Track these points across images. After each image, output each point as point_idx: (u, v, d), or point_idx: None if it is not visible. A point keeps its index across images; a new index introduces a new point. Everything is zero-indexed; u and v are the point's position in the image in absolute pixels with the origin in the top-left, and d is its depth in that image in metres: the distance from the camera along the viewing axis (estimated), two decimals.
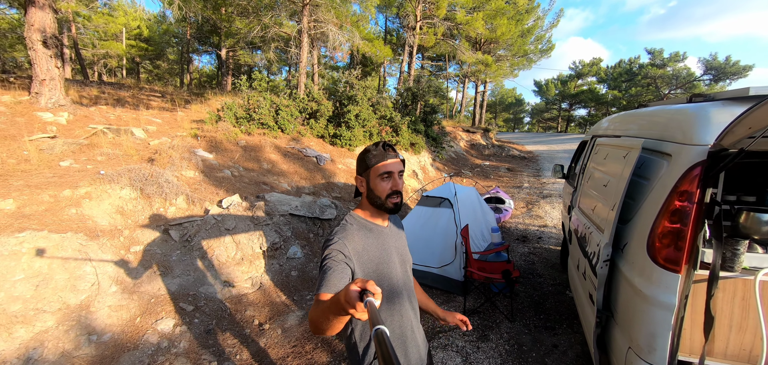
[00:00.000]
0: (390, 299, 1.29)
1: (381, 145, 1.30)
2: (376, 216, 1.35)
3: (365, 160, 1.30)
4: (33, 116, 6.79)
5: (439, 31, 15.06)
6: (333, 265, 1.13)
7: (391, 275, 1.30)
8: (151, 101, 10.89)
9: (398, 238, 1.42)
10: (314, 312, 0.99)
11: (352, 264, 1.18)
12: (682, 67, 30.38)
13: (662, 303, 1.59)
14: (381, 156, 1.28)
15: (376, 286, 0.76)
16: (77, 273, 3.20)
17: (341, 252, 1.17)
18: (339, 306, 0.83)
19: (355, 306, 0.74)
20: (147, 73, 34.45)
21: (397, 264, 1.34)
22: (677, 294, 1.57)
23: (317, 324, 0.97)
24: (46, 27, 7.29)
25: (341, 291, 0.82)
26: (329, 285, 1.07)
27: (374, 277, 1.24)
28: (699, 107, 1.74)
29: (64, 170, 4.71)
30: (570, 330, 3.32)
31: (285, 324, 3.58)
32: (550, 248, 5.49)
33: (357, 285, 0.77)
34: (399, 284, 1.33)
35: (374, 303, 0.71)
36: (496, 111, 53.42)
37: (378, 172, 1.27)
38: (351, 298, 0.75)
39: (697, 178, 1.56)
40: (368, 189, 1.30)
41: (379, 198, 1.28)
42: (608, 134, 3.00)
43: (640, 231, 1.82)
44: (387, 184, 1.27)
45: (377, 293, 0.75)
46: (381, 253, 1.29)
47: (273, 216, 4.72)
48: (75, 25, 20.79)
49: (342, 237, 1.22)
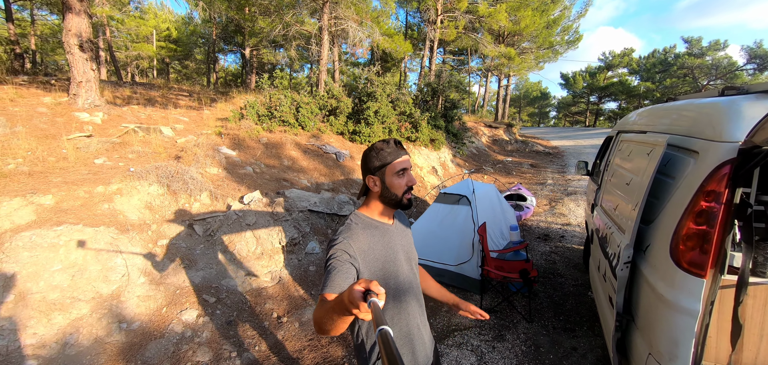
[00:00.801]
0: (396, 297, 1.29)
1: (392, 141, 1.29)
2: (383, 214, 1.34)
3: (379, 158, 1.28)
4: (71, 116, 7.20)
5: (460, 25, 14.81)
6: (337, 265, 1.13)
7: (398, 273, 1.29)
8: (179, 100, 11.33)
9: (404, 236, 1.41)
10: (318, 312, 1.00)
11: (356, 264, 1.18)
12: (723, 55, 28.50)
13: (685, 309, 1.51)
14: (396, 153, 1.27)
15: (380, 287, 0.77)
16: (109, 264, 3.39)
17: (346, 252, 1.17)
18: (343, 307, 0.83)
19: (359, 306, 0.75)
20: (176, 72, 35.85)
21: (403, 262, 1.33)
22: (702, 301, 1.48)
23: (321, 324, 0.97)
24: (82, 32, 7.69)
25: (345, 291, 0.83)
26: (334, 286, 1.07)
27: (380, 276, 1.24)
28: (730, 101, 1.63)
29: (98, 167, 4.98)
30: (590, 332, 3.21)
31: (302, 317, 3.66)
32: (572, 247, 5.32)
33: (361, 286, 0.77)
34: (405, 282, 1.32)
35: (378, 303, 0.71)
36: (521, 105, 52.09)
37: (395, 169, 1.26)
38: (354, 298, 0.76)
39: (725, 176, 1.46)
40: (383, 186, 1.28)
41: (396, 196, 1.27)
42: (634, 129, 2.87)
43: (663, 233, 1.74)
44: (403, 180, 1.27)
45: (381, 293, 0.75)
46: (387, 252, 1.28)
47: (292, 212, 4.82)
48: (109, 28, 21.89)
49: (347, 236, 1.22)
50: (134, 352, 2.99)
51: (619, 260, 1.92)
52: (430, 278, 1.66)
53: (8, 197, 3.64)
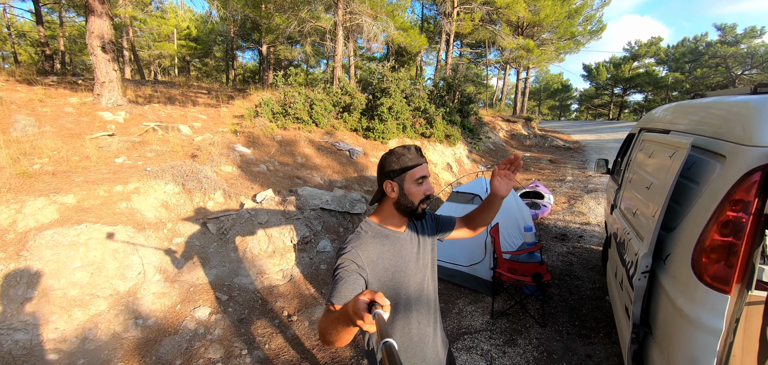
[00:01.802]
0: (407, 306, 1.27)
1: (413, 147, 1.28)
2: (395, 222, 1.31)
3: (399, 163, 1.25)
4: (95, 116, 7.44)
5: (476, 17, 14.50)
6: (345, 275, 1.11)
7: (408, 282, 1.27)
8: (198, 98, 11.56)
9: (415, 243, 1.35)
10: (323, 322, 0.98)
11: (365, 274, 1.16)
12: (760, 43, 26.77)
13: (707, 326, 1.41)
14: (417, 159, 1.25)
15: (385, 298, 0.75)
16: (126, 262, 3.49)
17: (354, 262, 1.15)
18: (347, 318, 0.82)
19: (363, 318, 0.73)
20: (197, 70, 36.72)
21: (414, 270, 1.31)
22: (725, 318, 1.37)
23: (325, 335, 0.96)
24: (104, 33, 7.93)
25: (350, 302, 0.81)
26: (340, 296, 1.05)
27: (390, 285, 1.23)
28: (764, 100, 1.49)
29: (118, 166, 5.14)
30: (607, 339, 3.08)
31: (312, 316, 3.68)
32: (591, 248, 5.13)
33: (366, 297, 0.76)
34: (417, 290, 1.30)
35: (383, 315, 0.70)
36: (541, 98, 50.75)
37: (414, 176, 1.24)
38: (359, 310, 0.75)
39: (755, 184, 1.34)
40: (401, 193, 1.25)
41: (412, 204, 1.25)
42: (657, 128, 2.71)
43: (685, 243, 1.62)
44: (421, 189, 1.25)
45: (386, 305, 0.74)
46: (397, 261, 1.25)
47: (304, 210, 4.84)
48: (132, 28, 22.59)
49: (355, 245, 1.20)
50: (149, 348, 3.07)
51: (637, 269, 1.82)
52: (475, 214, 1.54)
53: (33, 196, 3.79)
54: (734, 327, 1.38)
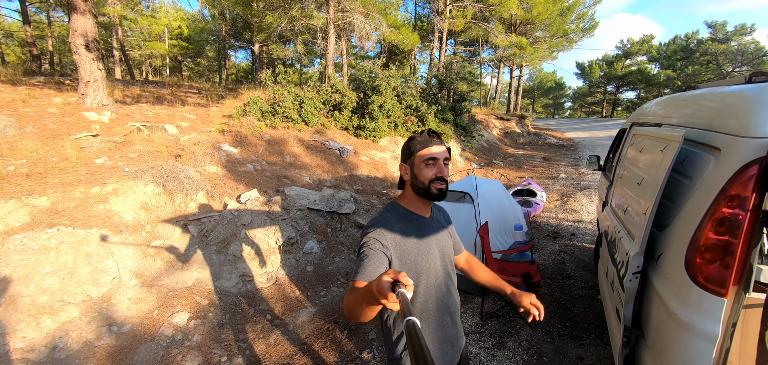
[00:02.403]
0: (427, 291, 1.29)
1: (426, 131, 1.31)
2: (419, 206, 1.34)
3: (410, 147, 1.31)
4: (79, 116, 7.24)
5: (468, 13, 14.41)
6: (370, 253, 1.15)
7: (430, 267, 1.29)
8: (188, 98, 11.36)
9: (441, 231, 1.39)
10: (349, 299, 1.02)
11: (389, 253, 1.19)
12: (750, 40, 27.09)
13: (702, 331, 1.31)
14: (426, 142, 1.28)
15: (408, 278, 0.77)
16: (100, 267, 3.34)
17: (378, 241, 1.18)
18: (371, 296, 0.84)
19: (387, 296, 0.76)
20: (189, 70, 36.32)
21: (437, 257, 1.32)
22: (721, 323, 1.27)
23: (351, 311, 1.00)
24: (88, 32, 7.72)
25: (374, 281, 0.84)
26: (365, 273, 1.09)
27: (411, 268, 1.24)
28: (759, 88, 1.39)
29: (97, 167, 4.97)
30: (599, 340, 2.99)
31: (296, 320, 3.55)
32: (583, 246, 5.06)
33: (389, 276, 0.78)
34: (437, 277, 1.32)
35: (406, 294, 0.72)
36: (535, 96, 50.91)
37: (423, 158, 1.27)
38: (383, 289, 0.77)
39: (753, 178, 1.24)
40: (412, 175, 1.30)
41: (423, 184, 1.27)
42: (648, 122, 2.62)
43: (678, 241, 1.52)
44: (431, 171, 1.27)
45: (409, 284, 0.75)
46: (420, 244, 1.27)
47: (290, 211, 4.71)
48: (122, 28, 22.23)
49: (380, 225, 1.24)
50: (123, 356, 2.93)
51: (628, 270, 1.72)
52: (481, 266, 1.64)
53: (3, 199, 3.62)
54: (731, 333, 1.28)
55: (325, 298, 3.91)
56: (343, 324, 3.47)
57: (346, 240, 4.96)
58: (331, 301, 3.86)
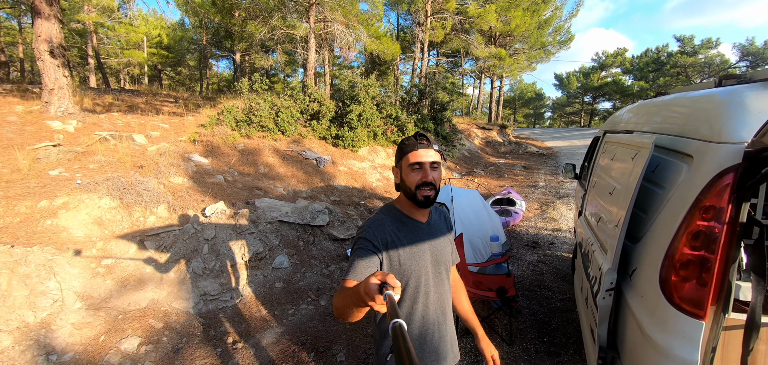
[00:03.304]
0: (414, 297, 1.26)
1: (415, 135, 1.29)
2: (413, 210, 1.32)
3: (400, 151, 1.30)
4: (42, 125, 6.82)
5: (447, 26, 14.55)
6: (361, 254, 1.15)
7: (420, 272, 1.26)
8: (164, 107, 10.95)
9: (438, 237, 1.36)
10: (338, 299, 1.02)
11: (380, 255, 1.19)
12: (716, 53, 28.44)
13: (679, 358, 1.18)
14: (412, 146, 1.25)
15: (396, 280, 0.76)
16: (39, 289, 3.03)
17: (370, 242, 1.18)
18: (359, 297, 0.84)
19: (374, 298, 0.75)
20: (169, 79, 35.48)
21: (429, 262, 1.30)
22: (700, 348, 1.15)
23: (340, 310, 1.01)
24: (53, 37, 7.34)
25: (362, 283, 0.83)
26: (355, 273, 1.09)
27: (400, 271, 1.23)
28: (731, 91, 1.30)
29: (50, 179, 4.61)
30: (577, 357, 2.87)
31: (261, 342, 3.31)
32: (562, 256, 4.99)
33: (377, 278, 0.78)
34: (428, 283, 1.29)
35: (393, 296, 0.71)
36: (516, 106, 51.96)
37: (408, 162, 1.25)
38: (370, 290, 0.77)
39: (728, 187, 1.14)
40: (401, 179, 1.29)
41: (409, 189, 1.25)
42: (621, 129, 2.55)
43: (652, 256, 1.41)
44: (417, 175, 1.24)
45: (397, 287, 0.75)
46: (411, 247, 1.26)
47: (259, 224, 4.47)
48: (96, 35, 21.53)
49: (374, 226, 1.24)
50: None
51: (601, 286, 1.59)
52: (464, 294, 1.61)
53: None
54: (711, 357, 1.16)
55: (293, 317, 3.68)
56: (310, 346, 3.25)
57: (319, 253, 4.75)
58: (300, 320, 3.63)
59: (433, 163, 1.25)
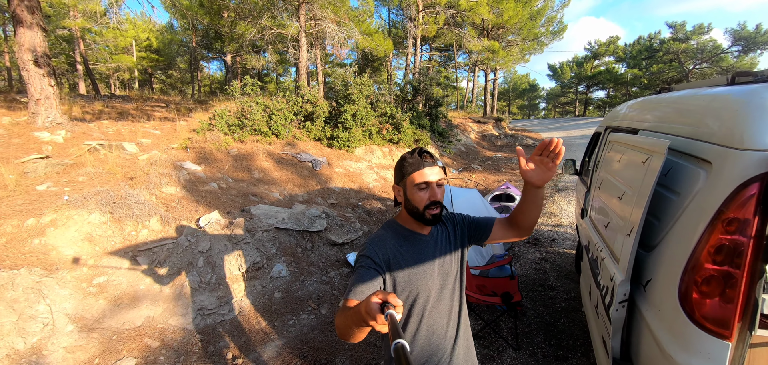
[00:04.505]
0: (422, 313, 1.23)
1: (418, 151, 1.24)
2: (415, 225, 1.28)
3: (402, 169, 1.25)
4: (30, 136, 6.65)
5: (440, 20, 14.43)
6: (363, 272, 1.13)
7: (428, 286, 1.23)
8: (155, 112, 10.77)
9: (441, 248, 1.31)
10: (339, 319, 1.01)
11: (382, 272, 1.16)
12: (708, 39, 28.49)
13: None
14: (417, 164, 1.21)
15: (397, 299, 0.75)
16: (28, 313, 2.92)
17: (371, 259, 1.16)
18: (360, 317, 0.83)
19: (376, 318, 0.74)
20: (160, 83, 35.04)
21: (436, 276, 1.26)
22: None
23: (342, 331, 0.99)
24: (36, 46, 7.15)
25: (362, 302, 0.82)
26: (357, 292, 1.07)
27: (406, 287, 1.21)
28: (750, 92, 1.22)
29: (38, 195, 4.48)
30: (585, 360, 2.81)
31: (262, 356, 3.23)
32: (564, 252, 4.94)
33: (378, 297, 0.78)
34: (434, 297, 1.25)
35: (395, 316, 0.70)
36: (510, 98, 51.97)
37: (414, 182, 1.20)
38: (371, 310, 0.76)
39: (753, 199, 1.06)
40: (405, 199, 1.25)
41: (417, 210, 1.21)
42: (624, 127, 2.48)
43: (669, 268, 1.33)
44: (424, 195, 1.20)
45: (398, 306, 0.74)
46: (416, 263, 1.23)
47: (255, 233, 4.37)
48: (84, 41, 21.17)
49: (376, 243, 1.21)
50: None
51: (614, 299, 1.52)
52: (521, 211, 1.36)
53: None
54: None
55: (293, 328, 3.60)
56: (312, 358, 3.17)
57: (318, 260, 4.66)
58: (301, 331, 3.55)
59: (439, 181, 1.21)
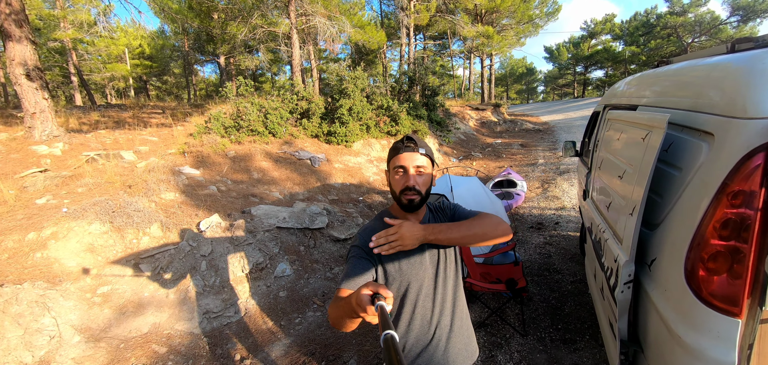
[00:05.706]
0: (415, 302, 1.24)
1: (404, 138, 1.24)
2: (406, 213, 1.28)
3: (389, 154, 1.28)
4: (28, 151, 6.64)
5: (432, 7, 14.26)
6: (355, 262, 1.15)
7: (418, 276, 1.23)
8: (152, 119, 10.72)
9: None
10: (332, 309, 1.03)
11: (374, 263, 1.18)
12: (705, 11, 28.12)
13: (713, 360, 1.09)
14: (396, 149, 1.24)
15: (388, 290, 0.78)
16: (34, 327, 2.92)
17: (363, 249, 1.17)
18: (351, 308, 0.84)
19: (366, 309, 0.76)
20: (156, 89, 34.91)
21: (428, 265, 1.26)
22: (737, 348, 1.06)
23: (334, 320, 1.02)
24: (27, 60, 7.10)
25: (353, 294, 0.84)
26: (349, 282, 1.09)
27: (397, 277, 1.22)
28: (751, 58, 1.18)
29: (38, 209, 4.47)
30: (594, 342, 2.80)
31: (270, 356, 3.23)
32: (568, 235, 4.92)
33: (369, 289, 0.79)
34: (428, 286, 1.26)
35: (385, 307, 0.71)
36: (508, 83, 51.64)
37: (393, 166, 1.24)
38: (362, 302, 0.77)
39: (759, 169, 1.03)
40: (389, 183, 1.28)
41: (395, 193, 1.24)
42: (622, 104, 2.44)
43: (673, 245, 1.31)
44: (401, 180, 1.21)
45: (388, 297, 0.76)
46: (408, 253, 1.21)
47: (256, 233, 4.36)
48: (76, 52, 21.05)
49: (366, 233, 1.21)
50: None
51: (619, 280, 1.50)
52: None
53: None
54: (748, 355, 1.07)
55: (300, 326, 3.60)
56: (320, 355, 3.17)
57: (322, 257, 4.66)
58: (307, 329, 3.55)
59: (419, 166, 1.20)
